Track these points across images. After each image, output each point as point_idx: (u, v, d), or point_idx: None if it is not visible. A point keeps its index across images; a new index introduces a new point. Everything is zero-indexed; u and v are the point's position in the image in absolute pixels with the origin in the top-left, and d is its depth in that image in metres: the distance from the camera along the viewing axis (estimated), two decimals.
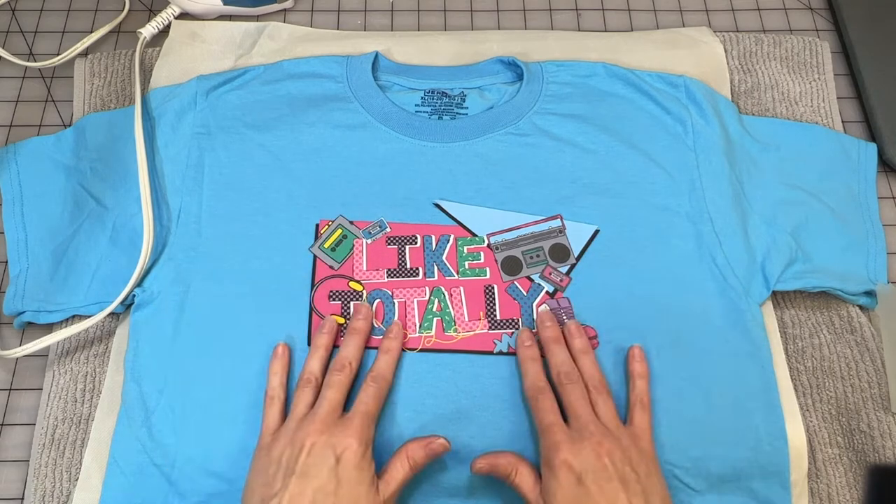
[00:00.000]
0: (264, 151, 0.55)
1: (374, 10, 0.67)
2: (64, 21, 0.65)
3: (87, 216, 0.54)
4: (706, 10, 0.67)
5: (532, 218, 0.53)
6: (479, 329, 0.50)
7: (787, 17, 0.67)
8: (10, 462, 0.50)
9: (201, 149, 0.55)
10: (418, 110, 0.57)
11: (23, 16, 0.66)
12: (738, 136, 0.57)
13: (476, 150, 0.55)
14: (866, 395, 0.51)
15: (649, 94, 0.57)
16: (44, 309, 0.52)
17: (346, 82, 0.58)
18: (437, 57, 0.61)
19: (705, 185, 0.54)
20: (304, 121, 0.56)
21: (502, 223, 0.53)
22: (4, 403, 0.51)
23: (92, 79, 0.61)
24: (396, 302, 0.51)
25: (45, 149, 0.57)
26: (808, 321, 0.54)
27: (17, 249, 0.54)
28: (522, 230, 0.53)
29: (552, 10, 0.67)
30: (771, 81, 0.62)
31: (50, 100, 0.62)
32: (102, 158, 0.56)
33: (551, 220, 0.53)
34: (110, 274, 0.52)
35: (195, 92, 0.57)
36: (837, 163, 0.58)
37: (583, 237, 0.53)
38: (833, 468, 0.49)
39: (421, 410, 0.48)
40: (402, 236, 0.53)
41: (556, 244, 0.53)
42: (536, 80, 0.58)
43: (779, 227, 0.54)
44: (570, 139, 0.56)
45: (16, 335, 0.53)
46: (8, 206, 0.55)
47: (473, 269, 0.52)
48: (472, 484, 0.47)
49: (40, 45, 0.64)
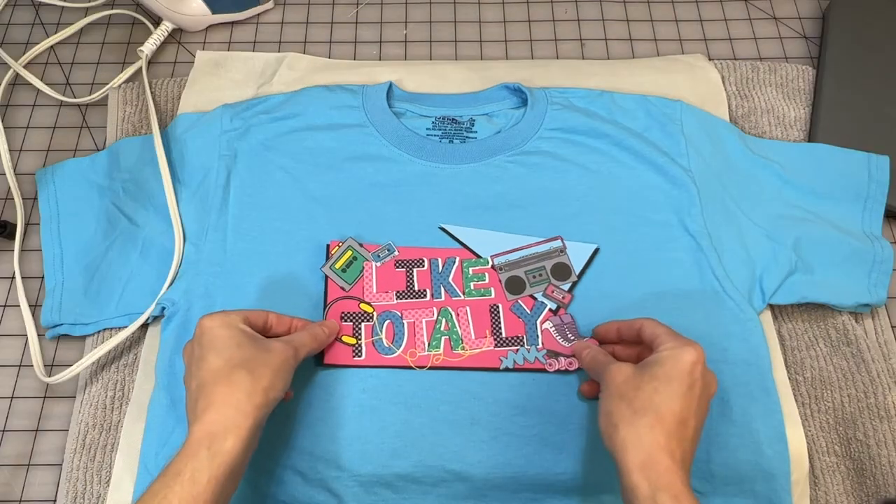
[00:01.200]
0: (284, 173, 0.58)
1: (389, 41, 0.70)
2: (98, 53, 0.70)
3: (119, 233, 0.57)
4: (705, 40, 0.70)
5: (533, 239, 0.56)
6: (486, 346, 0.52)
7: (783, 45, 0.70)
8: (45, 466, 0.52)
9: (227, 170, 0.58)
10: (429, 134, 0.60)
11: (60, 49, 0.70)
12: (740, 153, 0.60)
13: (485, 171, 0.58)
14: (862, 404, 0.52)
15: (648, 117, 0.60)
16: (80, 321, 0.55)
17: (362, 109, 0.61)
18: (447, 83, 0.64)
19: (703, 201, 0.56)
20: (322, 144, 0.59)
21: (505, 245, 0.56)
22: (39, 410, 0.54)
23: (124, 106, 0.65)
24: (406, 322, 0.53)
25: (80, 170, 0.61)
26: (805, 334, 0.55)
27: (54, 264, 0.57)
28: (525, 251, 0.55)
29: (557, 40, 0.70)
30: (767, 106, 0.64)
31: (85, 126, 0.66)
32: (134, 179, 0.59)
33: (552, 241, 0.55)
34: (139, 287, 0.55)
35: (220, 118, 0.60)
36: (843, 176, 0.59)
37: (583, 256, 0.55)
38: (831, 476, 0.51)
39: (436, 417, 0.50)
40: (410, 259, 0.55)
41: (557, 263, 0.55)
42: (540, 105, 0.60)
43: (780, 240, 0.56)
44: (573, 160, 0.58)
45: (50, 344, 0.56)
46: (45, 223, 0.58)
47: (479, 290, 0.54)
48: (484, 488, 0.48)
49: (77, 76, 0.69)
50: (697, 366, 0.42)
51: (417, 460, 0.48)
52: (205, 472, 0.38)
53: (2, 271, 0.59)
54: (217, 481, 0.38)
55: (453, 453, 0.48)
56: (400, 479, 0.48)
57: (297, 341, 0.46)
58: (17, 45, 0.70)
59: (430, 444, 0.49)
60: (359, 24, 0.71)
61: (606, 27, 0.71)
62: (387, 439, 0.49)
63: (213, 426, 0.40)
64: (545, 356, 0.52)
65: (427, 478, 0.48)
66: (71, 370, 0.52)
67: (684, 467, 0.39)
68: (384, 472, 0.48)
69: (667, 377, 0.41)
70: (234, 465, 0.39)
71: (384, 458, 0.48)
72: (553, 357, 0.51)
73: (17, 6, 0.72)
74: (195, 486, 0.38)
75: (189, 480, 0.38)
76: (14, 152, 0.64)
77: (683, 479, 0.38)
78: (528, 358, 0.52)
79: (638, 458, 0.39)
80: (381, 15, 0.72)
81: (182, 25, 0.69)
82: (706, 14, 0.72)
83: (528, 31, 0.71)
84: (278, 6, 0.72)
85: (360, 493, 0.48)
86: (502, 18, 0.72)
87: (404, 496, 0.48)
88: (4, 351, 0.56)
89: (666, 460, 0.38)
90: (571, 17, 0.72)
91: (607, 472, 0.48)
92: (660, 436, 0.39)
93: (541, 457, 0.48)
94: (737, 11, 0.72)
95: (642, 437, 0.39)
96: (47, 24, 0.71)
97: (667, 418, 0.40)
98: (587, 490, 0.48)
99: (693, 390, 0.41)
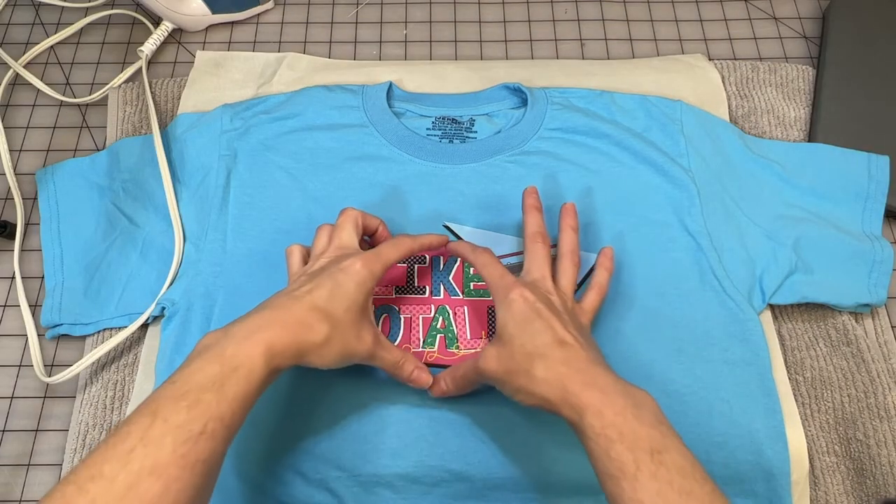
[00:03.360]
0: (284, 173, 0.58)
1: (389, 41, 0.70)
2: (98, 53, 0.70)
3: (119, 233, 0.57)
4: (705, 40, 0.70)
5: None
6: (480, 347, 0.52)
7: (783, 45, 0.70)
8: (45, 466, 0.52)
9: (227, 170, 0.58)
10: (429, 134, 0.60)
11: (60, 49, 0.70)
12: (740, 153, 0.60)
13: (485, 171, 0.58)
14: (862, 404, 0.52)
15: (648, 117, 0.60)
16: (80, 321, 0.55)
17: (362, 109, 0.61)
18: (447, 83, 0.64)
19: (703, 201, 0.56)
20: (322, 145, 0.59)
21: (508, 247, 0.56)
22: (39, 410, 0.54)
23: (124, 106, 0.65)
24: (402, 317, 0.53)
25: (80, 170, 0.61)
26: (805, 334, 0.56)
27: (54, 264, 0.57)
28: None
29: (557, 40, 0.70)
30: (767, 106, 0.64)
31: (85, 126, 0.66)
32: (134, 179, 0.59)
33: (555, 247, 0.55)
34: (139, 287, 0.55)
35: (220, 118, 0.60)
36: (843, 176, 0.59)
37: (586, 264, 0.54)
38: (831, 476, 0.51)
39: (436, 417, 0.50)
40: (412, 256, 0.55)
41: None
42: (540, 105, 0.60)
43: (780, 240, 0.56)
44: (573, 160, 0.58)
45: (50, 344, 0.56)
46: (45, 223, 0.58)
47: (478, 290, 0.54)
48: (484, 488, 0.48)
49: (77, 76, 0.69)
50: (528, 297, 0.44)
51: (417, 460, 0.48)
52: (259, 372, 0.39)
53: (2, 271, 0.59)
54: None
55: (453, 453, 0.48)
56: (400, 479, 0.48)
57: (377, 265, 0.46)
58: (17, 45, 0.70)
59: (430, 444, 0.49)
60: (359, 24, 0.71)
61: (606, 27, 0.71)
62: (387, 439, 0.49)
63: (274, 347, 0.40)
64: None
65: (427, 478, 0.48)
66: (71, 370, 0.52)
67: (586, 362, 0.41)
68: (384, 472, 0.48)
69: (519, 327, 0.43)
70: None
71: (384, 458, 0.48)
72: None
73: (17, 6, 0.72)
74: (250, 382, 0.38)
75: (245, 377, 0.38)
76: (14, 152, 0.64)
77: (592, 376, 0.40)
78: None
79: (557, 395, 0.40)
80: (381, 15, 0.72)
81: (182, 25, 0.69)
82: (706, 14, 0.72)
83: (528, 31, 0.71)
84: (278, 6, 0.72)
85: (360, 493, 0.48)
86: (502, 18, 0.72)
87: (404, 496, 0.48)
88: (4, 351, 0.56)
89: (574, 375, 0.40)
90: (571, 17, 0.72)
91: None
92: (558, 366, 0.41)
93: (541, 457, 0.48)
94: (737, 11, 0.72)
95: (549, 379, 0.41)
96: (47, 24, 0.71)
97: (547, 351, 0.41)
98: (587, 490, 0.48)
99: (543, 313, 0.43)
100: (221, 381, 0.37)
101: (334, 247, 0.48)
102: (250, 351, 0.38)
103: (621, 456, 0.37)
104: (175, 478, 0.34)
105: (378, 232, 0.52)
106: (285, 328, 0.40)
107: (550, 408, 0.40)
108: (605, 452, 0.37)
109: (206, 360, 0.38)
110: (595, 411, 0.38)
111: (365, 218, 0.51)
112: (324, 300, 0.43)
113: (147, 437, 0.34)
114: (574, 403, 0.39)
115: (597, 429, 0.38)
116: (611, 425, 0.37)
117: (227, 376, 0.37)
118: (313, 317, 0.42)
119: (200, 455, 0.35)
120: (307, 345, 0.41)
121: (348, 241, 0.48)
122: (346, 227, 0.49)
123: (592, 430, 0.38)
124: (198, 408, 0.36)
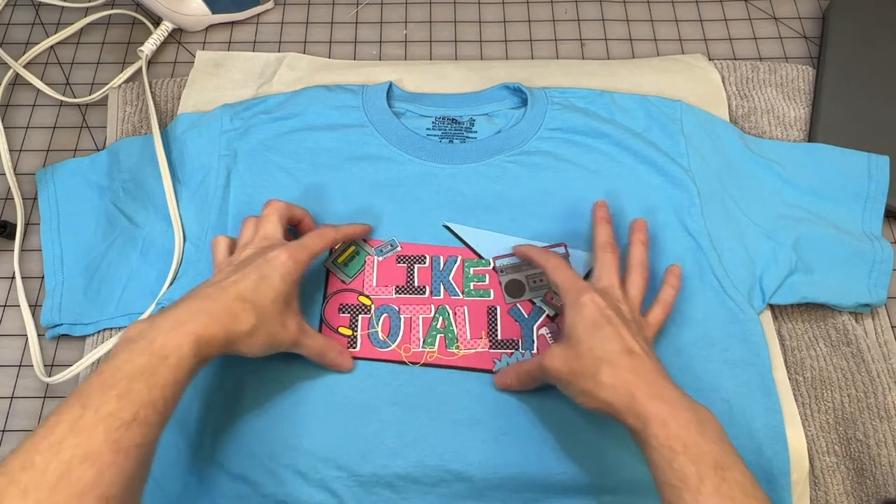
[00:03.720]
0: (284, 173, 0.58)
1: (389, 41, 0.70)
2: (98, 53, 0.70)
3: (119, 233, 0.57)
4: (705, 40, 0.70)
5: (537, 243, 0.55)
6: (480, 348, 0.52)
7: (783, 45, 0.70)
8: None
9: (227, 170, 0.58)
10: (429, 134, 0.60)
11: (60, 49, 0.70)
12: (740, 153, 0.60)
13: (484, 171, 0.58)
14: (862, 404, 0.52)
15: (648, 117, 0.60)
16: (80, 321, 0.55)
17: (362, 109, 0.61)
18: (447, 83, 0.64)
19: (703, 201, 0.56)
20: (323, 145, 0.59)
21: (508, 247, 0.55)
22: (39, 410, 0.54)
23: (124, 106, 0.65)
24: (402, 317, 0.53)
25: (80, 170, 0.61)
26: (805, 334, 0.56)
27: (54, 264, 0.57)
28: None
29: (557, 40, 0.70)
30: (767, 106, 0.64)
31: (85, 126, 0.66)
32: (134, 179, 0.59)
33: (556, 247, 0.55)
34: (139, 287, 0.55)
35: (220, 118, 0.60)
36: (843, 176, 0.59)
37: (586, 265, 0.55)
38: (831, 476, 0.51)
39: (436, 417, 0.50)
40: (412, 255, 0.55)
41: None
42: (540, 105, 0.60)
43: (780, 240, 0.56)
44: (573, 160, 0.58)
45: (50, 344, 0.56)
46: (45, 223, 0.58)
47: (478, 290, 0.54)
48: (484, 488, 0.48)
49: (77, 76, 0.69)
50: (599, 302, 0.45)
51: (417, 460, 0.48)
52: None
53: (2, 271, 0.59)
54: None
55: (453, 453, 0.48)
56: (400, 479, 0.48)
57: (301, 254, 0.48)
58: (17, 45, 0.70)
59: (430, 444, 0.49)
60: (359, 24, 0.71)
61: (606, 27, 0.71)
62: (387, 439, 0.49)
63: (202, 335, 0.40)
64: None
65: (427, 478, 0.48)
66: (71, 370, 0.52)
67: (654, 374, 0.42)
68: (384, 472, 0.48)
69: (589, 331, 0.44)
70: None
71: (384, 458, 0.48)
72: None
73: (17, 6, 0.72)
74: (179, 370, 0.39)
75: (175, 366, 0.39)
76: (14, 152, 0.64)
77: (659, 388, 0.41)
78: None
79: (623, 402, 0.40)
80: (381, 15, 0.72)
81: (182, 25, 0.69)
82: (706, 14, 0.72)
83: (528, 31, 0.71)
84: (278, 6, 0.72)
85: (360, 493, 0.48)
86: (502, 18, 0.72)
87: (404, 496, 0.48)
88: (4, 351, 0.56)
89: (642, 385, 0.41)
90: (571, 17, 0.72)
91: (607, 472, 0.48)
92: (626, 374, 0.41)
93: (541, 457, 0.48)
94: (737, 11, 0.72)
95: (616, 385, 0.41)
96: (47, 24, 0.71)
97: (616, 358, 0.42)
98: (587, 490, 0.48)
99: (613, 320, 0.44)
100: (151, 371, 0.38)
101: (259, 237, 0.49)
102: (179, 341, 0.39)
103: (684, 468, 0.37)
104: (109, 463, 0.34)
105: (303, 222, 0.53)
106: (213, 318, 0.41)
107: (613, 413, 0.41)
108: (668, 463, 0.38)
109: (134, 351, 0.38)
110: (660, 422, 0.39)
111: (290, 209, 0.52)
112: (250, 290, 0.44)
113: (77, 426, 0.34)
114: (640, 412, 0.40)
115: (661, 439, 0.38)
116: (675, 437, 0.38)
117: (156, 366, 0.38)
118: (240, 307, 0.43)
119: (133, 440, 0.36)
120: (235, 334, 0.42)
121: (273, 232, 0.49)
122: (272, 219, 0.50)
123: (656, 439, 0.39)
124: (128, 396, 0.36)
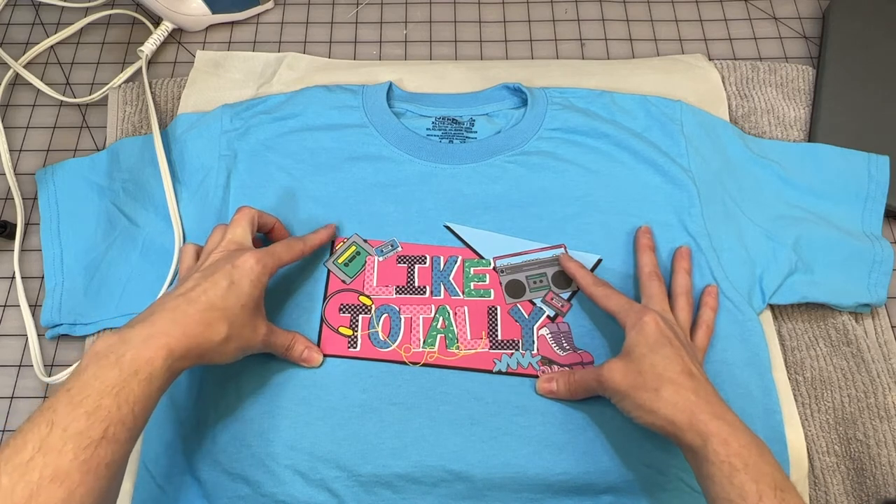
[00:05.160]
0: (284, 173, 0.58)
1: (389, 41, 0.70)
2: (98, 53, 0.70)
3: (119, 233, 0.57)
4: (705, 40, 0.70)
5: (538, 245, 0.55)
6: (480, 348, 0.52)
7: (783, 45, 0.70)
8: None
9: (227, 170, 0.58)
10: (429, 134, 0.60)
11: (60, 49, 0.70)
12: (740, 153, 0.60)
13: (485, 171, 0.58)
14: (862, 404, 0.52)
15: (648, 117, 0.60)
16: (80, 321, 0.55)
17: (362, 109, 0.61)
18: (447, 83, 0.64)
19: (703, 202, 0.56)
20: (322, 144, 0.59)
21: (509, 248, 0.55)
22: None
23: (124, 106, 0.65)
24: (403, 317, 0.53)
25: (80, 170, 0.61)
26: (805, 334, 0.56)
27: (54, 264, 0.57)
28: (528, 256, 0.55)
29: (557, 40, 0.70)
30: (767, 106, 0.64)
31: (85, 126, 0.66)
32: (134, 179, 0.59)
33: (556, 248, 0.55)
34: (139, 288, 0.55)
35: (220, 119, 0.60)
36: (843, 176, 0.59)
37: (586, 266, 0.54)
38: (831, 476, 0.51)
39: (436, 417, 0.50)
40: (413, 256, 0.55)
41: (559, 271, 0.55)
42: (540, 105, 0.60)
43: (780, 240, 0.56)
44: (573, 160, 0.58)
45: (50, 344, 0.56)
46: (45, 223, 0.58)
47: (478, 290, 0.54)
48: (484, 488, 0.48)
49: (77, 76, 0.69)
50: (660, 324, 0.46)
51: (417, 460, 0.48)
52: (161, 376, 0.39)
53: (2, 271, 0.59)
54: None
55: (453, 453, 0.48)
56: (400, 479, 0.48)
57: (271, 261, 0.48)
58: (17, 45, 0.70)
59: (430, 444, 0.49)
60: (359, 24, 0.71)
61: (606, 27, 0.71)
62: (387, 439, 0.49)
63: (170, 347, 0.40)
64: (539, 363, 0.51)
65: (427, 478, 0.48)
66: (71, 370, 0.52)
67: (714, 396, 0.43)
68: (384, 472, 0.48)
69: (651, 350, 0.45)
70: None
71: (384, 458, 0.48)
72: (547, 365, 0.51)
73: (17, 6, 0.72)
74: (151, 385, 0.38)
75: (146, 381, 0.38)
76: (14, 152, 0.64)
77: (720, 409, 0.42)
78: (521, 363, 0.51)
79: (684, 420, 0.41)
80: (381, 15, 0.72)
81: (182, 25, 0.69)
82: (706, 14, 0.72)
83: (528, 31, 0.71)
84: (278, 6, 0.72)
85: (360, 493, 0.48)
86: (502, 18, 0.72)
87: (404, 496, 0.48)
88: (4, 351, 0.56)
89: (703, 405, 0.42)
90: (571, 17, 0.72)
91: (607, 472, 0.48)
92: (688, 393, 0.42)
93: (541, 457, 0.48)
94: (737, 11, 0.72)
95: (677, 403, 0.42)
96: (47, 24, 0.71)
97: (678, 378, 0.43)
98: (587, 490, 0.48)
99: (673, 342, 0.45)
100: (121, 386, 0.37)
101: (227, 241, 0.48)
102: (150, 355, 0.39)
103: (745, 485, 0.38)
104: (78, 483, 0.34)
105: (274, 228, 0.53)
106: (185, 330, 0.41)
107: (672, 430, 0.42)
108: (728, 478, 0.39)
109: (103, 366, 0.38)
110: (721, 440, 0.40)
111: (261, 216, 0.51)
112: (220, 298, 0.43)
113: (45, 445, 0.34)
114: (701, 430, 0.41)
115: (721, 455, 0.39)
116: (736, 455, 0.39)
117: (126, 381, 0.37)
118: (212, 316, 0.42)
119: (103, 458, 0.35)
120: (208, 344, 0.42)
121: (241, 238, 0.49)
122: (242, 224, 0.49)
123: (717, 455, 0.39)
124: (97, 413, 0.36)
